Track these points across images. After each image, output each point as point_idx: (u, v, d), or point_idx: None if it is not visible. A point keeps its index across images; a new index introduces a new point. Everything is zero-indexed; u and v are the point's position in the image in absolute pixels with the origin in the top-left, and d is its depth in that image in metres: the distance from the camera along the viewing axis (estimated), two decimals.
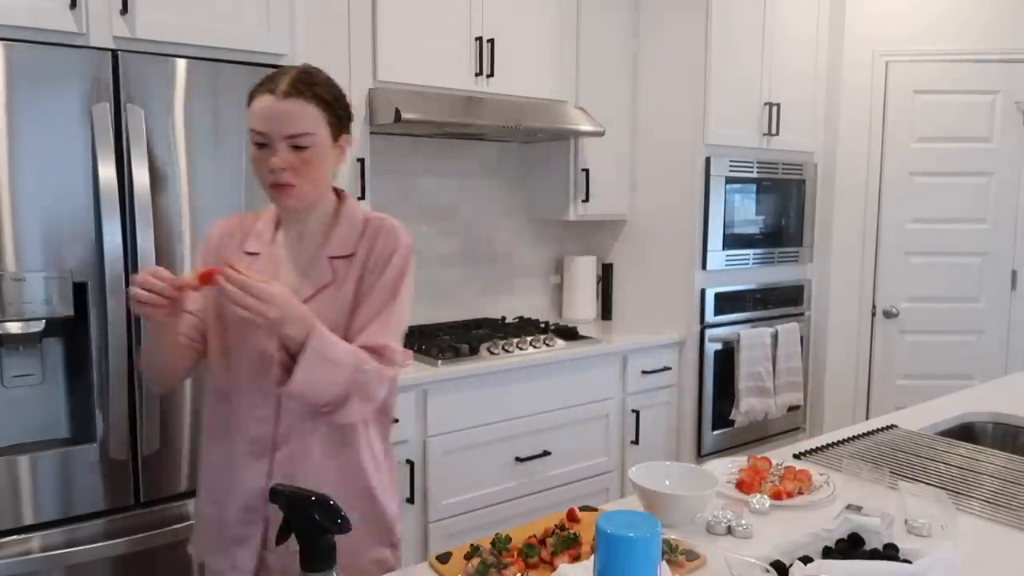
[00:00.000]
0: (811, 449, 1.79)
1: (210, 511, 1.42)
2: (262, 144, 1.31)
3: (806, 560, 1.14)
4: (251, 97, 1.34)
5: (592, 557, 1.03)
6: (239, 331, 1.36)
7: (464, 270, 3.37)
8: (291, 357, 1.23)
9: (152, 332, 1.36)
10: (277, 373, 1.25)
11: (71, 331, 1.90)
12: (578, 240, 3.74)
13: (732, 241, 3.37)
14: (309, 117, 1.31)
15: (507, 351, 2.80)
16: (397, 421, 2.51)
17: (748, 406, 3.41)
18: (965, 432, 2.10)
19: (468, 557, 1.21)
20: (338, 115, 1.36)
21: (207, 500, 1.43)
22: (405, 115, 2.54)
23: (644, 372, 3.18)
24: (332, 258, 1.39)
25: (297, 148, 1.30)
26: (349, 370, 1.26)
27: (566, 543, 1.24)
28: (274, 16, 2.15)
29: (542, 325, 3.20)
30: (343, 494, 1.32)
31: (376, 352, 1.32)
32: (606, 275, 3.63)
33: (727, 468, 1.62)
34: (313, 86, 1.32)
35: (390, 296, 1.38)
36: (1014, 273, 3.66)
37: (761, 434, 3.59)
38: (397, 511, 1.48)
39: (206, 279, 1.20)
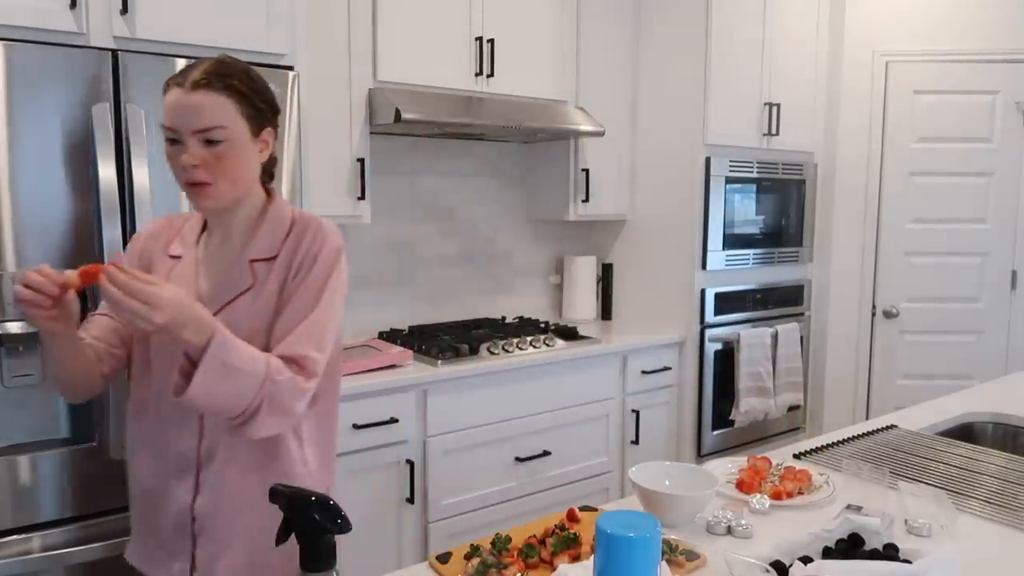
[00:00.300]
0: (811, 449, 1.79)
1: (142, 524, 1.36)
2: (174, 140, 1.24)
3: (806, 560, 1.14)
4: (164, 90, 1.25)
5: (592, 557, 1.03)
6: (161, 339, 1.28)
7: (464, 270, 3.37)
8: (193, 364, 1.15)
9: (45, 341, 1.23)
10: (177, 380, 1.16)
11: None
12: (578, 240, 3.74)
13: (732, 241, 3.37)
14: (221, 110, 1.22)
15: (507, 351, 2.80)
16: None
17: (748, 406, 3.41)
18: (965, 432, 2.10)
19: (468, 557, 1.21)
20: (257, 107, 1.27)
21: (138, 513, 1.37)
22: (405, 115, 2.54)
23: (644, 372, 3.18)
24: (253, 261, 1.31)
25: (210, 143, 1.22)
26: (257, 379, 1.18)
27: (566, 543, 1.24)
28: (274, 16, 2.15)
29: (542, 325, 3.20)
30: (270, 513, 1.26)
31: (294, 362, 1.23)
32: (606, 275, 3.63)
33: (727, 468, 1.62)
34: (225, 77, 1.24)
35: (313, 302, 1.28)
36: (1014, 273, 3.66)
37: (761, 434, 3.59)
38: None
39: (88, 278, 1.12)
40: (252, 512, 1.30)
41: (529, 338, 2.90)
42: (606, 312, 3.63)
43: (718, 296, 3.36)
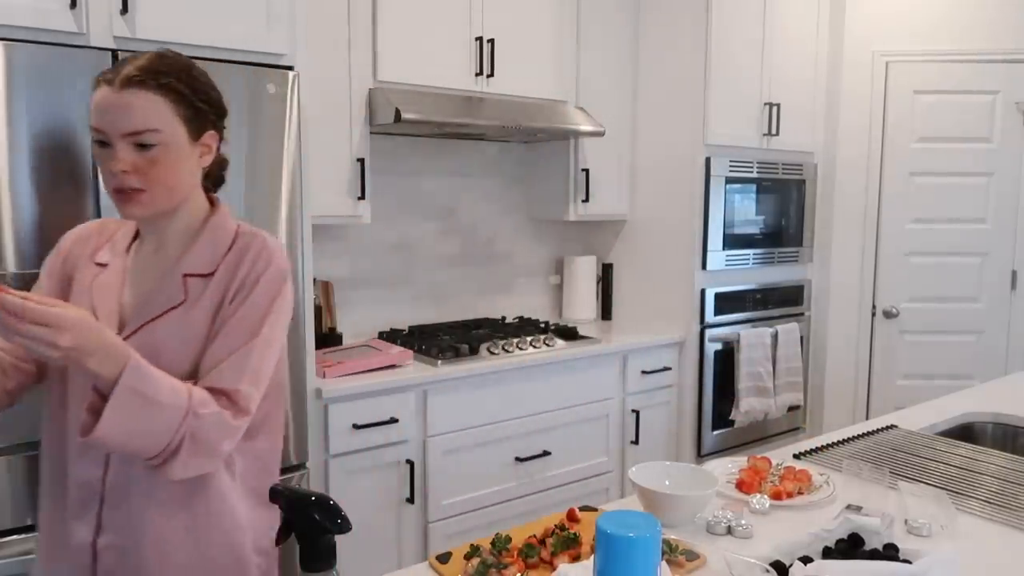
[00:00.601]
0: (811, 449, 1.79)
1: (43, 559, 1.22)
2: (103, 143, 1.11)
3: (806, 560, 1.14)
4: (93, 87, 1.13)
5: (592, 557, 1.03)
6: (78, 372, 1.14)
7: (464, 270, 3.37)
8: (104, 398, 1.02)
9: None
10: (84, 419, 1.03)
11: None
12: (578, 240, 3.74)
13: (732, 241, 3.37)
14: (153, 111, 1.10)
15: (507, 351, 2.80)
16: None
17: (748, 406, 3.41)
18: (965, 432, 2.10)
19: (468, 557, 1.21)
20: (196, 108, 1.16)
21: (40, 551, 1.23)
22: (405, 115, 2.54)
23: (644, 372, 3.18)
24: (187, 275, 1.18)
25: (141, 147, 1.11)
26: (178, 413, 1.05)
27: (566, 543, 1.24)
28: (274, 16, 2.15)
29: (542, 325, 3.20)
30: (197, 556, 1.17)
31: (224, 395, 1.11)
32: (606, 275, 3.63)
33: (727, 468, 1.62)
34: (160, 74, 1.11)
35: (252, 330, 1.15)
36: (1014, 273, 3.66)
37: (761, 434, 3.59)
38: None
39: None
40: (181, 557, 1.16)
41: (529, 338, 2.90)
42: (606, 312, 3.63)
43: (718, 296, 3.36)
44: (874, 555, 1.20)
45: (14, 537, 1.83)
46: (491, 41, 2.92)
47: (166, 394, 1.05)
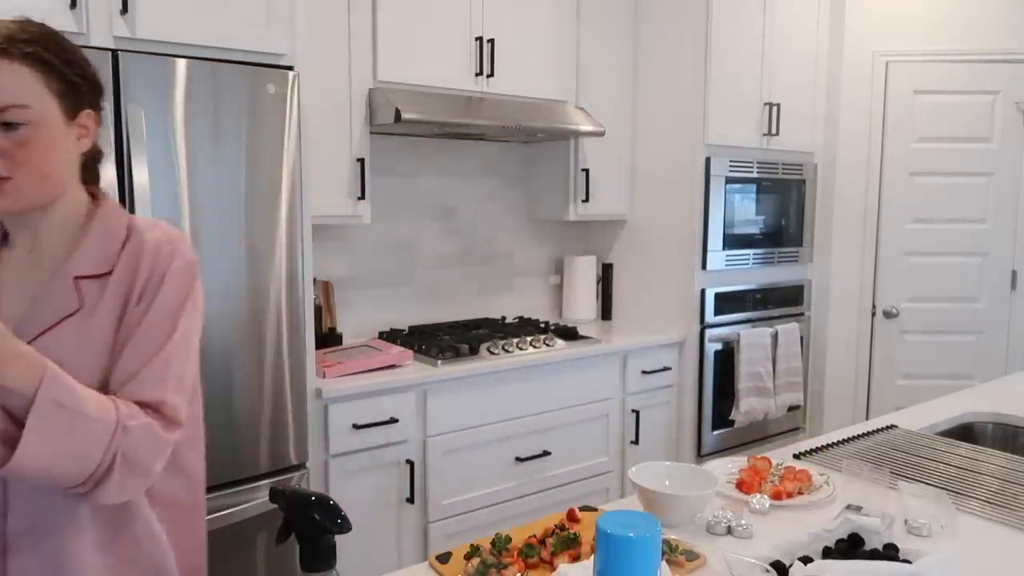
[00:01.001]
0: (811, 449, 1.79)
1: None
2: None
3: (806, 560, 1.14)
4: None
5: (592, 557, 1.03)
6: None
7: (464, 270, 3.37)
8: (15, 423, 0.88)
9: None
10: None
11: None
12: (578, 240, 3.74)
13: (732, 241, 3.37)
14: (18, 83, 0.95)
15: (507, 351, 2.80)
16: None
17: (748, 406, 3.41)
18: (965, 432, 2.10)
19: (468, 557, 1.21)
20: (71, 82, 1.01)
21: None
22: (405, 115, 2.54)
23: (644, 372, 3.18)
24: (79, 278, 1.02)
25: (7, 127, 0.95)
26: (107, 428, 0.91)
27: (566, 543, 1.24)
28: (274, 16, 2.15)
29: (542, 325, 3.20)
30: None
31: (150, 408, 0.99)
32: (606, 275, 3.63)
33: (727, 468, 1.62)
34: (24, 43, 0.96)
35: (166, 333, 1.01)
36: (1014, 273, 3.66)
37: (761, 434, 3.59)
38: None
39: None
40: None
41: (529, 338, 2.90)
42: (606, 312, 3.63)
43: (718, 296, 3.36)
44: (874, 555, 1.20)
45: None
46: (491, 41, 2.92)
47: (91, 406, 0.91)
